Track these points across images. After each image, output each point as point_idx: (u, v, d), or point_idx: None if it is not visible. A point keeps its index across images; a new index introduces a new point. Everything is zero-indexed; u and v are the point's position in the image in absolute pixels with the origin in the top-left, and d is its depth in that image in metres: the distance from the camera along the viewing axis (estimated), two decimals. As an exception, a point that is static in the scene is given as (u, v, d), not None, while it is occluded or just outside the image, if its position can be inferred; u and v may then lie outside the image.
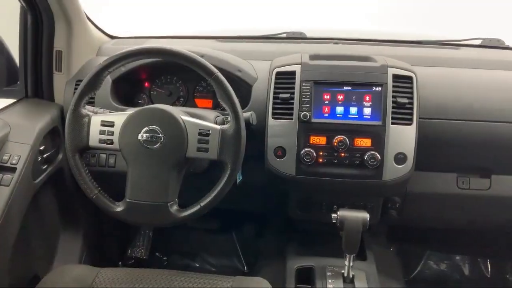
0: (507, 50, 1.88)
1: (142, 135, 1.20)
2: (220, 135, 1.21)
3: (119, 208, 1.24)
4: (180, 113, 1.25)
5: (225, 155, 1.21)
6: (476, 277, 2.16)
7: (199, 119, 1.26)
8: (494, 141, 1.49)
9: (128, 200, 1.23)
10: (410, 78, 1.44)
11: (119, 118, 1.24)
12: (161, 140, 1.20)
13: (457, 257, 2.20)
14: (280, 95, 1.46)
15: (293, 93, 1.45)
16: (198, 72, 1.24)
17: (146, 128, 1.21)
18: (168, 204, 1.22)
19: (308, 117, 1.42)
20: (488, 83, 1.57)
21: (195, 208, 1.23)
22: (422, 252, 2.18)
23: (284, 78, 1.48)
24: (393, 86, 1.42)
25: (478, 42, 1.89)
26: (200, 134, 1.21)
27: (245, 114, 1.35)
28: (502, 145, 1.49)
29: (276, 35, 1.93)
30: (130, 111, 1.26)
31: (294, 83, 1.46)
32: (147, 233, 2.19)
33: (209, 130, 1.21)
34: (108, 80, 1.58)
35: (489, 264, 2.17)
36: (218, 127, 1.22)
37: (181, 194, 1.28)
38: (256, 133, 1.46)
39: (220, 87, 1.22)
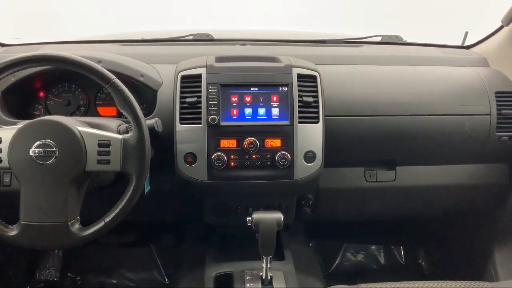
0: (405, 46, 1.97)
1: (33, 151, 1.11)
2: (122, 145, 1.15)
3: (13, 231, 1.14)
4: (77, 124, 1.17)
5: (129, 166, 1.15)
6: (392, 265, 2.26)
7: (98, 129, 1.19)
8: (396, 134, 1.55)
9: (22, 222, 1.13)
10: (314, 77, 1.46)
11: (7, 133, 1.14)
12: (56, 155, 1.11)
13: (373, 247, 2.29)
14: (187, 99, 1.41)
15: (200, 96, 1.41)
16: (94, 79, 1.16)
17: (38, 143, 1.12)
18: (68, 223, 1.14)
19: (217, 121, 1.39)
20: (389, 79, 1.63)
21: (99, 225, 1.16)
22: (339, 245, 2.24)
23: (190, 82, 1.44)
24: (299, 86, 1.43)
25: (378, 39, 1.97)
26: (99, 145, 1.14)
27: (149, 121, 1.30)
28: (404, 138, 1.56)
29: (182, 37, 1.88)
30: (21, 124, 1.16)
31: (200, 86, 1.42)
32: (56, 253, 2.05)
33: (109, 141, 1.15)
34: (-5, 92, 1.45)
35: (402, 252, 2.28)
36: (120, 136, 1.16)
37: (87, 210, 1.21)
38: (165, 140, 1.41)
39: (118, 94, 1.16)
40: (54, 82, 1.57)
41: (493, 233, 1.80)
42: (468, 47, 1.95)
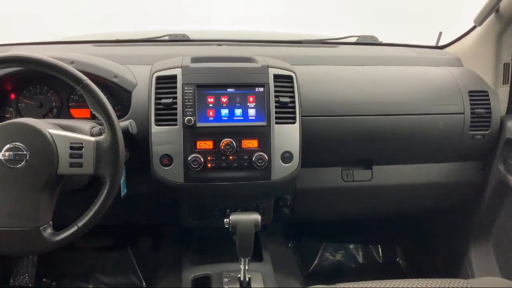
0: (381, 46, 1.99)
1: (3, 154, 1.09)
2: (95, 148, 1.13)
3: None
4: (48, 126, 1.15)
5: (102, 169, 1.13)
6: (370, 263, 2.28)
7: (71, 132, 1.17)
8: (372, 133, 1.56)
9: None
10: (290, 77, 1.46)
11: None
12: (26, 158, 1.09)
13: (351, 246, 2.30)
14: (162, 101, 1.39)
15: (175, 97, 1.40)
16: (65, 81, 1.14)
17: (8, 146, 1.09)
18: (40, 228, 1.11)
19: (193, 122, 1.38)
20: (365, 79, 1.64)
21: (72, 229, 1.14)
22: (318, 245, 2.24)
23: (165, 83, 1.42)
24: (275, 86, 1.43)
25: (354, 39, 1.98)
26: (72, 148, 1.12)
27: (123, 123, 1.28)
28: (379, 137, 1.57)
29: (158, 38, 1.86)
30: None
31: (176, 87, 1.41)
32: (30, 258, 2.00)
33: (82, 143, 1.13)
34: (-37, 94, 1.41)
35: (380, 250, 2.30)
36: (93, 139, 1.14)
37: (61, 214, 1.18)
38: (140, 141, 1.39)
39: (90, 96, 1.14)
40: (25, 84, 1.53)
41: (468, 231, 1.83)
42: (442, 47, 1.98)
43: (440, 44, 2.00)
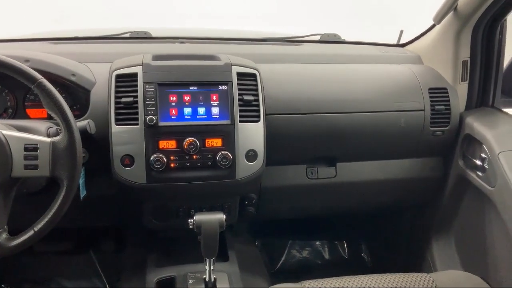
0: (343, 44, 2.01)
1: None
2: (51, 149, 1.09)
3: None
4: (1, 127, 1.10)
5: (59, 171, 1.09)
6: (336, 260, 2.30)
7: (26, 133, 1.12)
8: (335, 131, 1.57)
9: None
10: (254, 75, 1.45)
11: None
12: None
13: (317, 243, 2.32)
14: (123, 99, 1.36)
15: (136, 96, 1.36)
16: (20, 80, 1.10)
17: None
18: None
19: (155, 121, 1.35)
20: (328, 76, 1.65)
21: (29, 234, 1.10)
22: (285, 242, 2.25)
23: (126, 81, 1.38)
24: (238, 84, 1.42)
25: (317, 37, 1.99)
26: (26, 149, 1.08)
27: (80, 123, 1.25)
28: (342, 135, 1.58)
29: (118, 35, 1.81)
30: None
31: (136, 86, 1.37)
32: (-13, 265, 1.92)
33: (37, 144, 1.08)
34: None
35: (345, 246, 2.33)
36: (48, 139, 1.10)
37: (18, 218, 1.14)
38: (100, 142, 1.36)
39: (45, 95, 1.10)
40: (-22, 84, 1.47)
41: (430, 226, 1.87)
42: (403, 45, 2.02)
43: (401, 42, 2.03)
